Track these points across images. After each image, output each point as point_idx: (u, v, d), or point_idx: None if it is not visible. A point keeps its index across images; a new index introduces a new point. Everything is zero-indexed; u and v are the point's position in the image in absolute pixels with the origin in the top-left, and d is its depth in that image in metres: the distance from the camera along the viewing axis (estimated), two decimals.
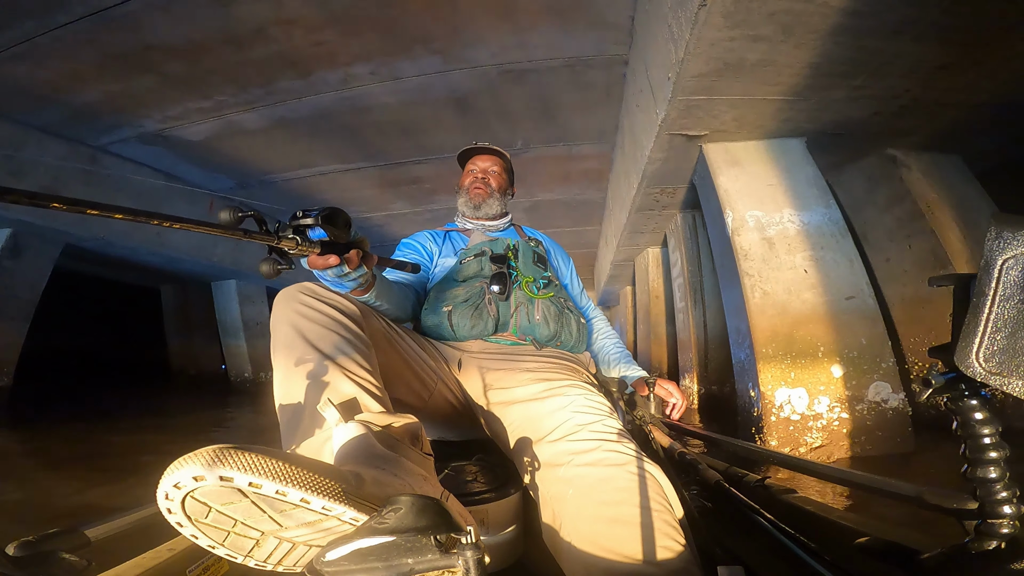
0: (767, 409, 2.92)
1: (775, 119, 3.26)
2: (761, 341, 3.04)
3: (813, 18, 2.33)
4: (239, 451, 0.48)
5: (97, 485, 2.62)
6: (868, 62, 2.66)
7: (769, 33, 2.41)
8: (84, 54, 3.78)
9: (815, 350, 2.98)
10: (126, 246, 6.24)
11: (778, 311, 3.08)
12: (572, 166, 6.00)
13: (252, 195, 6.54)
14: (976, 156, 3.82)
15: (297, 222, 0.82)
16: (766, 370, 2.99)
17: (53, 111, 4.55)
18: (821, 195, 3.38)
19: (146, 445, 3.80)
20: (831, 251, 3.20)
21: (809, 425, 2.86)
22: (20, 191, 0.50)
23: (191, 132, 5.01)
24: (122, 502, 2.32)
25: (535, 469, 0.94)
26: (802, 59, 2.62)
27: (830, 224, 3.28)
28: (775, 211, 3.34)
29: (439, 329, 1.33)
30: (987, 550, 0.52)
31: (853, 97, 2.99)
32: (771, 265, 3.19)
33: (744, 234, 3.30)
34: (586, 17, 3.53)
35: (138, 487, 2.44)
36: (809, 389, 2.90)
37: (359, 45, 3.80)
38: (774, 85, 2.87)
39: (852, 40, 2.47)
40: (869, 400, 2.87)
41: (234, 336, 8.57)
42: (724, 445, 1.32)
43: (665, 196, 4.59)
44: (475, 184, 1.70)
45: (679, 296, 5.30)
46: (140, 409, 6.37)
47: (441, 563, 0.50)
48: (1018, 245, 0.43)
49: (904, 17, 2.33)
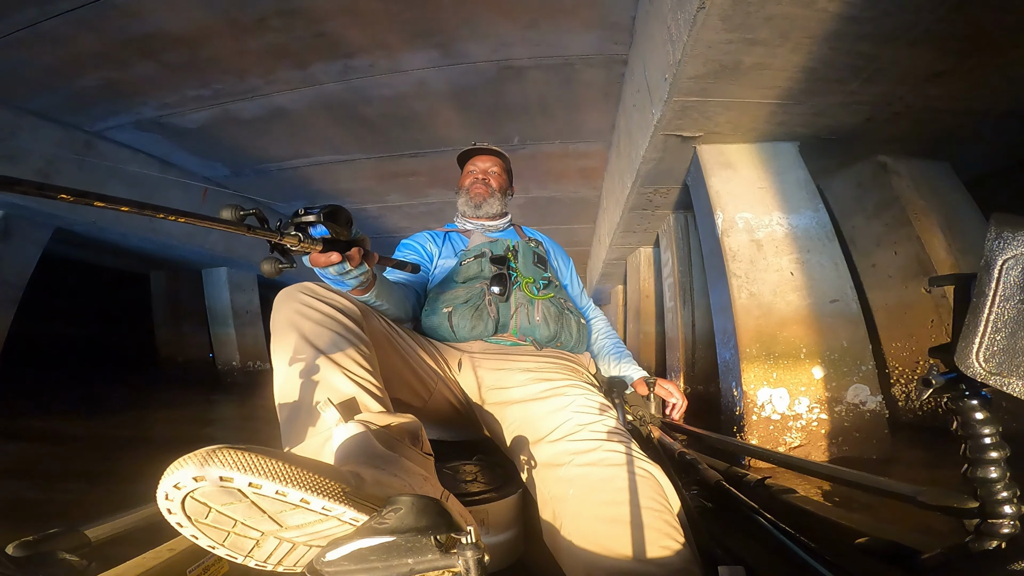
0: (749, 408, 2.97)
1: (769, 122, 3.30)
2: (746, 341, 3.09)
3: (810, 23, 2.35)
4: (239, 451, 0.49)
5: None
6: (863, 68, 2.69)
7: (766, 37, 2.44)
8: (84, 41, 3.74)
9: (798, 351, 3.03)
10: (117, 231, 6.18)
11: (763, 312, 3.13)
12: (568, 164, 6.01)
13: (246, 183, 6.50)
14: (965, 164, 3.86)
15: (299, 219, 0.82)
16: (749, 370, 3.03)
17: (50, 96, 4.50)
18: (810, 199, 3.42)
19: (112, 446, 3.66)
20: (817, 254, 3.24)
21: (789, 425, 2.91)
22: (29, 182, 0.52)
23: (188, 120, 4.98)
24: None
25: (535, 469, 0.95)
26: (798, 63, 2.65)
27: (818, 228, 3.32)
28: (764, 213, 3.38)
29: (439, 330, 1.34)
30: (987, 550, 0.53)
31: (847, 102, 3.03)
32: (758, 267, 3.23)
33: (733, 235, 3.34)
34: (587, 16, 3.55)
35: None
36: (790, 389, 2.95)
37: (359, 37, 3.79)
38: (769, 89, 2.90)
39: (848, 45, 2.50)
40: (848, 402, 2.92)
41: (223, 324, 8.46)
42: (726, 445, 1.33)
43: (658, 196, 4.63)
44: (476, 184, 1.71)
45: (669, 296, 5.34)
46: (122, 400, 6.30)
47: (441, 563, 0.50)
48: (1018, 245, 0.44)
49: (901, 23, 2.36)
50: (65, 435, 3.95)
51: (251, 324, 8.60)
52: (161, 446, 3.54)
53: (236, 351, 8.39)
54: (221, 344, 8.55)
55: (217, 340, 8.60)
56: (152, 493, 0.49)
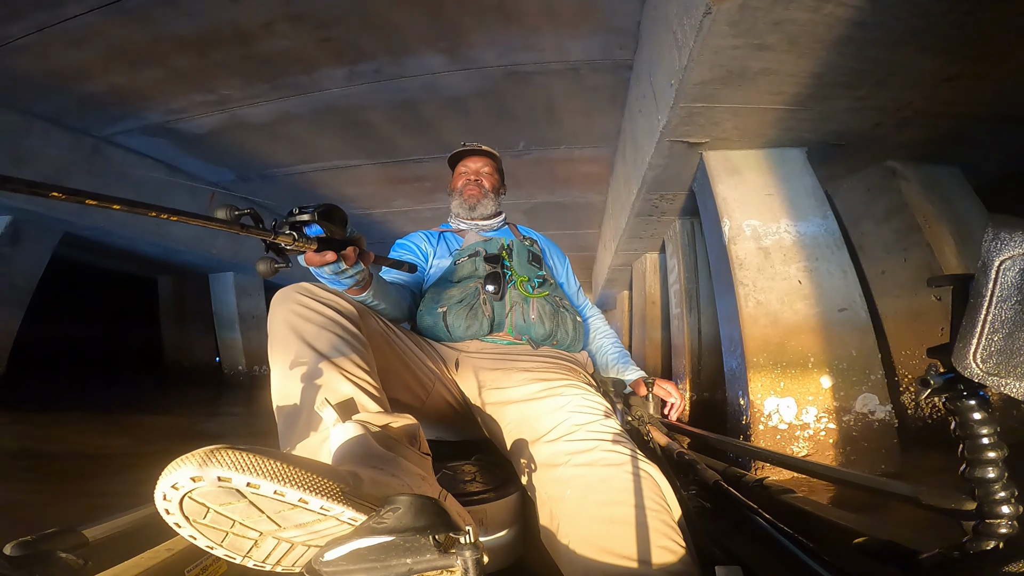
0: (755, 418, 2.93)
1: (776, 128, 3.27)
2: (752, 350, 3.05)
3: (819, 28, 2.32)
4: (237, 451, 0.49)
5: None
6: (872, 73, 2.66)
7: (774, 42, 2.42)
8: (93, 46, 3.77)
9: (805, 360, 2.99)
10: (124, 235, 6.23)
11: (770, 321, 3.09)
12: (573, 169, 6.00)
13: (253, 189, 6.54)
14: (975, 169, 3.82)
15: (294, 218, 0.82)
16: (756, 379, 2.99)
17: (58, 101, 4.54)
18: (818, 206, 3.39)
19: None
20: (825, 262, 3.20)
21: (796, 435, 2.87)
22: (24, 181, 0.51)
23: (195, 125, 5.01)
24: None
25: (533, 469, 0.94)
26: (806, 69, 2.63)
27: (826, 235, 3.28)
28: (772, 221, 3.35)
29: (435, 330, 1.34)
30: (985, 550, 0.52)
31: (855, 108, 3.00)
32: (766, 275, 3.20)
33: (740, 243, 3.31)
34: (593, 21, 3.54)
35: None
36: (798, 399, 2.91)
37: (365, 43, 3.81)
38: (777, 94, 2.87)
39: (857, 50, 2.48)
40: (856, 411, 2.88)
41: (229, 329, 8.53)
42: (725, 445, 1.32)
43: (664, 202, 4.60)
44: (468, 186, 1.71)
45: (675, 302, 5.31)
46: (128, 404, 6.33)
47: (439, 563, 0.50)
48: (1015, 246, 0.44)
49: (911, 28, 2.33)
50: (65, 437, 3.96)
51: (257, 328, 8.65)
52: (156, 450, 3.53)
53: (242, 355, 8.45)
54: (227, 348, 8.61)
55: (223, 344, 8.66)
56: (150, 493, 0.49)
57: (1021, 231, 0.43)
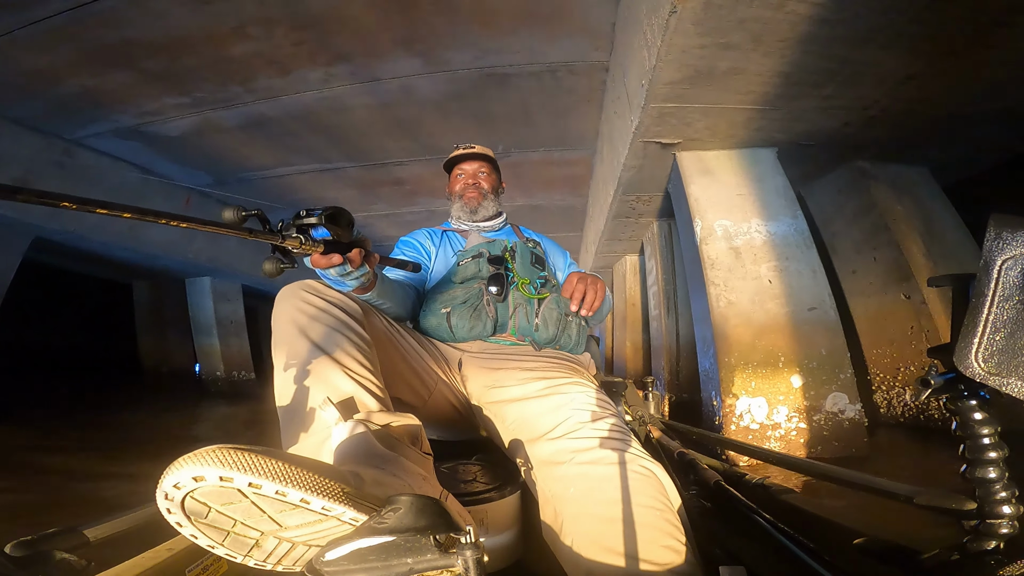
0: (728, 418, 2.94)
1: (747, 128, 3.30)
2: (724, 350, 3.06)
3: (782, 26, 2.35)
4: (239, 451, 0.49)
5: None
6: (837, 71, 2.70)
7: (739, 41, 2.44)
8: (61, 48, 3.71)
9: (776, 360, 3.01)
10: (98, 240, 6.11)
11: (742, 320, 3.11)
12: (553, 171, 6.01)
13: (230, 192, 6.45)
14: (944, 169, 3.89)
15: (301, 221, 0.83)
16: (728, 379, 3.01)
17: (28, 104, 4.45)
18: (789, 206, 3.42)
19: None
20: (795, 262, 3.24)
21: (768, 434, 2.88)
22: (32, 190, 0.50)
23: (168, 128, 4.93)
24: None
25: (535, 468, 0.95)
26: (772, 67, 2.66)
27: (796, 235, 3.32)
28: (743, 221, 3.38)
29: (438, 330, 1.34)
30: (986, 550, 0.52)
31: (823, 107, 3.04)
32: (737, 275, 3.22)
33: (712, 243, 3.33)
34: (568, 23, 3.55)
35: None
36: (769, 399, 2.93)
37: (340, 45, 3.78)
38: (745, 94, 2.90)
39: (821, 49, 2.51)
40: (826, 410, 2.90)
41: (207, 335, 8.39)
42: (725, 445, 1.31)
43: (641, 204, 4.63)
44: (468, 189, 1.70)
45: (654, 304, 5.34)
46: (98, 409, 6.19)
47: (440, 563, 0.51)
48: (1017, 246, 0.44)
49: (873, 25, 2.37)
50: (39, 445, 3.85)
51: (235, 334, 8.54)
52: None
53: (220, 361, 8.32)
54: (205, 355, 8.48)
55: (201, 351, 8.53)
56: (151, 493, 0.49)
57: (1022, 231, 0.43)
